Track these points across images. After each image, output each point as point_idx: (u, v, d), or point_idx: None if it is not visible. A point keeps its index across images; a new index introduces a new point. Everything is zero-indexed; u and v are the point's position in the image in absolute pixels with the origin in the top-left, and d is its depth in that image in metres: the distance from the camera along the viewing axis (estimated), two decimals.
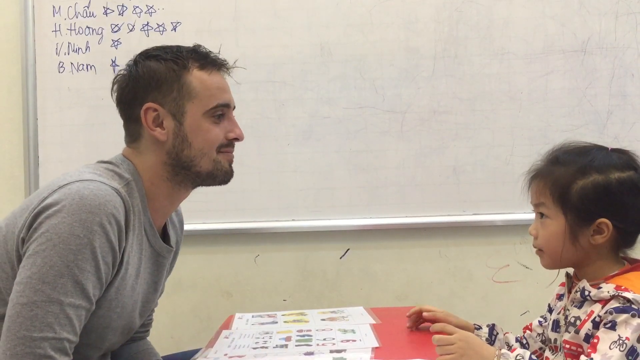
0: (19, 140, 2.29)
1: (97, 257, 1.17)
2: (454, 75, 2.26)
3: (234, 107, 1.43)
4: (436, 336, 1.26)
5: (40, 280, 1.13)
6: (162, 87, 1.32)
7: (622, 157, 1.27)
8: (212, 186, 1.41)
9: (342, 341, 1.41)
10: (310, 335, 1.47)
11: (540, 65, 2.25)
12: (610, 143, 1.36)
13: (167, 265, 1.48)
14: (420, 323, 1.54)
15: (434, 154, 2.27)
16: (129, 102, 1.35)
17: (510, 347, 1.43)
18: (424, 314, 1.51)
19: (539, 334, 1.45)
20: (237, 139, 1.40)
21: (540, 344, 1.45)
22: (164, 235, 1.45)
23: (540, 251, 1.31)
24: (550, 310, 1.42)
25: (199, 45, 1.39)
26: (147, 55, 1.37)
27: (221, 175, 1.38)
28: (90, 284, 1.17)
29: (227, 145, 1.39)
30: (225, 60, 1.41)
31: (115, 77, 1.39)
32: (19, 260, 1.19)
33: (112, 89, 1.39)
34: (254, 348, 1.39)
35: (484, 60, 2.25)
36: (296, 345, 1.39)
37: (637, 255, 1.30)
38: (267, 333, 1.52)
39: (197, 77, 1.34)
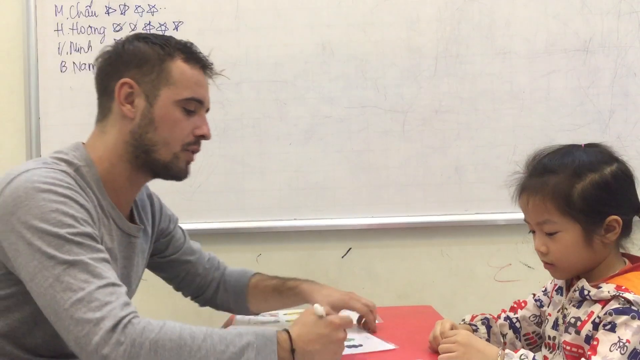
0: (22, 140, 2.30)
1: (76, 216, 1.16)
2: (456, 74, 2.26)
3: (208, 109, 1.44)
4: (441, 346, 1.26)
5: (47, 258, 1.11)
6: (143, 66, 1.33)
7: (603, 152, 1.26)
8: (167, 180, 1.40)
9: None
10: None
11: (542, 64, 2.25)
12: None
13: (142, 246, 1.47)
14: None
15: (436, 153, 2.27)
16: (107, 74, 1.36)
17: (504, 337, 1.42)
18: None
19: (534, 315, 1.42)
20: (203, 137, 1.40)
21: (534, 327, 1.41)
22: (131, 219, 1.44)
23: (550, 265, 1.28)
24: (545, 293, 1.41)
25: (191, 43, 1.41)
26: (138, 36, 1.39)
27: (175, 171, 1.37)
28: (90, 228, 1.17)
29: (194, 143, 1.39)
30: (210, 62, 1.42)
31: (100, 51, 1.39)
32: None
33: (95, 61, 1.39)
34: None
35: (486, 60, 2.25)
36: None
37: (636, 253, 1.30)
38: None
39: (179, 66, 1.35)
